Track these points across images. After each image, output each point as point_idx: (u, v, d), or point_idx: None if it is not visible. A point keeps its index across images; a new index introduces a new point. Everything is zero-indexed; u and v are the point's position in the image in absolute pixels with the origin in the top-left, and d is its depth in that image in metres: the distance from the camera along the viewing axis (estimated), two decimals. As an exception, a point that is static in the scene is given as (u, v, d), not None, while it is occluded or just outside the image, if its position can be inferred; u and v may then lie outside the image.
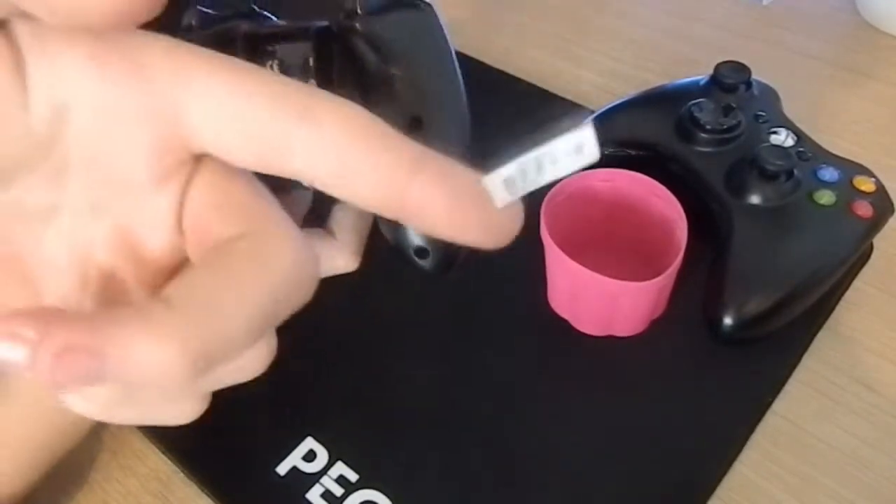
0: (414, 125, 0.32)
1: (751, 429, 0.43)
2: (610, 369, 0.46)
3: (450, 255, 0.34)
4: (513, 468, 0.42)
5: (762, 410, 0.44)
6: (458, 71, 0.34)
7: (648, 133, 0.53)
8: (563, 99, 0.62)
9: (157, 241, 0.20)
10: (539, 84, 0.63)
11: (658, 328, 0.47)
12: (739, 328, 0.45)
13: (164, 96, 0.18)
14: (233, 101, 0.18)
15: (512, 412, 0.45)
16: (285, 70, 0.34)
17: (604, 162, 0.49)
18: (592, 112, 0.57)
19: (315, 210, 0.37)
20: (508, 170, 0.19)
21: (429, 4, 0.34)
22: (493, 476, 0.42)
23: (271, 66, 0.34)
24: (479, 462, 0.43)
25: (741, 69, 0.53)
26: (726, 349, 0.46)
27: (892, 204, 0.48)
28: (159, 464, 0.44)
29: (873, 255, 0.50)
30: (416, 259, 0.34)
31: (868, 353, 0.47)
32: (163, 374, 0.17)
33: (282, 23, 0.35)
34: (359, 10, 0.32)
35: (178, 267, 0.21)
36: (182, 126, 0.19)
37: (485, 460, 0.43)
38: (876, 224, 0.47)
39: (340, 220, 0.36)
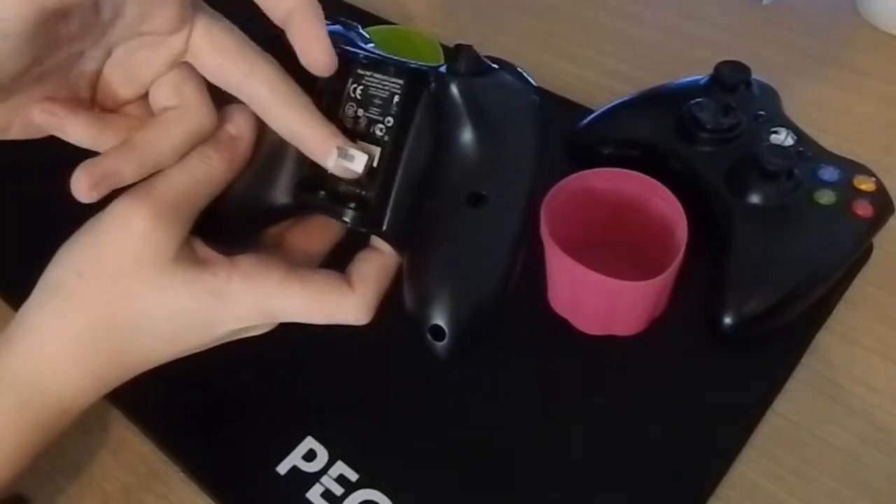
0: (475, 200, 0.31)
1: (751, 428, 0.43)
2: (610, 369, 0.46)
3: (468, 341, 0.32)
4: (512, 467, 0.42)
5: (762, 409, 0.44)
6: (537, 150, 0.32)
7: (649, 132, 0.53)
8: (563, 98, 0.62)
9: None
10: (539, 83, 0.63)
11: (658, 327, 0.47)
12: (739, 327, 0.45)
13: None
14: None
15: (512, 411, 0.45)
16: (367, 98, 0.33)
17: (604, 161, 0.49)
18: (592, 112, 0.57)
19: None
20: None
21: (528, 81, 0.33)
22: (493, 475, 0.42)
23: (353, 90, 0.33)
24: (478, 462, 0.43)
25: (741, 69, 0.53)
26: (726, 348, 0.46)
27: (891, 203, 0.48)
28: (159, 463, 0.44)
29: (873, 255, 0.50)
30: (430, 339, 0.32)
31: (868, 353, 0.47)
32: None
33: (380, 53, 0.34)
34: (463, 69, 0.31)
35: None
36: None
37: (484, 460, 0.43)
38: (876, 223, 0.47)
39: (362, 272, 0.35)
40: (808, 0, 0.72)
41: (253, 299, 0.33)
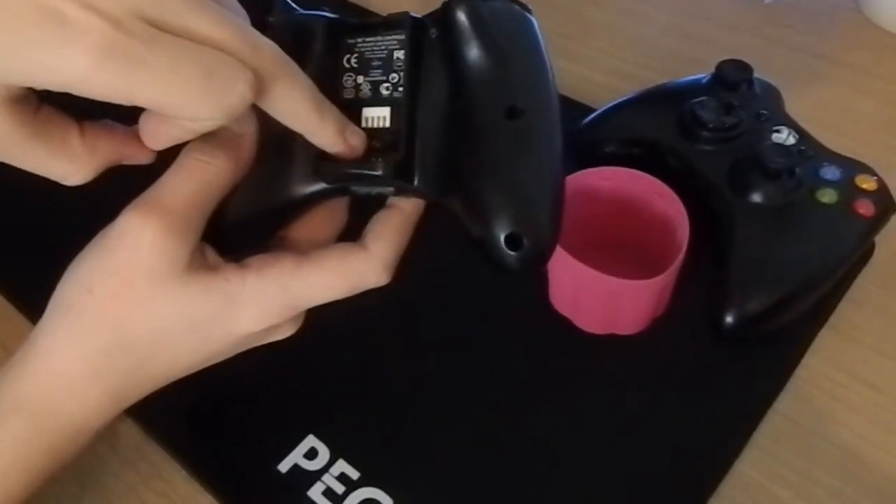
0: (512, 113, 0.31)
1: (752, 427, 0.43)
2: (612, 368, 0.46)
3: (543, 246, 0.31)
4: (514, 466, 0.42)
5: (764, 408, 0.44)
6: (549, 65, 0.33)
7: (650, 131, 0.53)
8: (565, 97, 0.62)
9: None
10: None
11: (660, 327, 0.47)
12: (741, 326, 0.45)
13: None
14: None
15: (513, 410, 0.45)
16: (364, 64, 0.33)
17: (606, 160, 0.49)
18: (594, 110, 0.57)
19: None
20: None
21: (524, 3, 0.33)
22: (495, 474, 0.42)
23: (348, 60, 0.33)
24: (480, 460, 0.43)
25: (743, 67, 0.53)
26: (728, 347, 0.46)
27: (893, 202, 0.48)
28: (161, 461, 0.44)
29: (875, 254, 0.50)
30: (507, 250, 0.30)
31: (870, 351, 0.47)
32: None
33: (367, 20, 0.34)
34: None
35: None
36: None
37: (486, 458, 0.43)
38: (878, 222, 0.47)
39: (377, 231, 0.34)
40: (809, -2, 0.72)
41: (270, 294, 0.32)
